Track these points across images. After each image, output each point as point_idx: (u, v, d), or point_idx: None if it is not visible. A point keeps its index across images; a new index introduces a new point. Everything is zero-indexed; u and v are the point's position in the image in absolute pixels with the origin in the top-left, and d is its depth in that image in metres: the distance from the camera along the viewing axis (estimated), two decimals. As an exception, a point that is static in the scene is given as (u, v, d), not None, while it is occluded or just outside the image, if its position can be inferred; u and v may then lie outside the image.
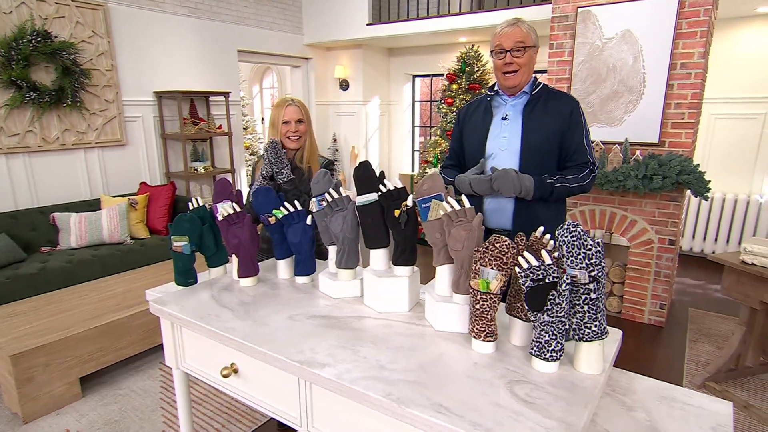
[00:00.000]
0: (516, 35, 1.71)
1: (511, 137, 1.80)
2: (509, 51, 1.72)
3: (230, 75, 5.34)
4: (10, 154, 3.65)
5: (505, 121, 1.82)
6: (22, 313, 2.71)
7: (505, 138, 1.81)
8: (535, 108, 1.78)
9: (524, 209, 1.78)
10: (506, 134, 1.81)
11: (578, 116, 1.78)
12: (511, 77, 1.76)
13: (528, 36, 1.72)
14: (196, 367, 1.49)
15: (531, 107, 1.79)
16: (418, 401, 0.96)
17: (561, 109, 1.77)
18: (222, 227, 1.62)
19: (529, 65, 1.76)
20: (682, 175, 3.00)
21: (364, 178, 1.45)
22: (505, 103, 1.85)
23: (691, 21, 2.99)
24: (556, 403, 0.96)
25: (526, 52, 1.73)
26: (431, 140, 5.18)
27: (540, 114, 1.77)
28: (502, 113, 1.84)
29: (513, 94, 1.83)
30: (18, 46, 3.50)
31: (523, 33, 1.71)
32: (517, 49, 1.71)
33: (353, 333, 1.27)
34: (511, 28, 1.72)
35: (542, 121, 1.76)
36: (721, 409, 1.07)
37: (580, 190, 1.77)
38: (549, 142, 1.76)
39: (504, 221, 1.83)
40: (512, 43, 1.71)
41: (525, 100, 1.81)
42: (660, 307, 3.40)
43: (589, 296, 1.04)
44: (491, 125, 1.85)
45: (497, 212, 1.83)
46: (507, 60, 1.73)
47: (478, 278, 1.13)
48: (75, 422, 2.38)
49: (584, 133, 1.78)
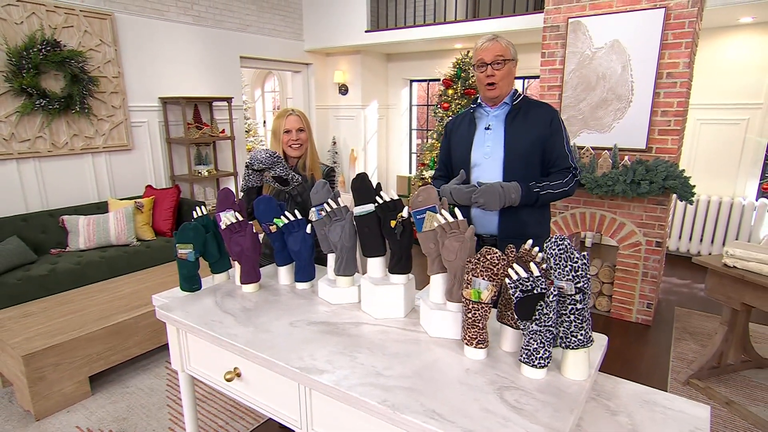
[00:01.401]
0: (496, 49, 1.79)
1: (495, 146, 1.86)
2: (490, 64, 1.80)
3: (233, 80, 5.45)
4: (21, 159, 3.76)
5: (488, 131, 1.89)
6: (34, 314, 2.78)
7: (488, 147, 1.88)
8: (516, 117, 1.85)
9: (510, 215, 1.84)
10: (489, 143, 1.88)
11: (558, 124, 1.84)
12: (493, 89, 1.83)
13: (507, 50, 1.80)
14: (201, 370, 1.51)
15: (512, 117, 1.86)
16: (412, 407, 1.00)
17: (541, 118, 1.84)
18: (225, 235, 1.66)
19: (509, 77, 1.84)
20: (668, 181, 3.10)
21: (362, 189, 1.49)
22: (488, 114, 1.92)
23: (676, 32, 3.09)
24: (543, 409, 0.99)
25: (505, 65, 1.80)
26: (428, 143, 5.27)
27: (521, 123, 1.84)
28: (485, 123, 1.91)
29: (495, 105, 1.90)
30: (28, 55, 3.61)
31: (503, 47, 1.80)
32: (497, 62, 1.79)
33: (351, 339, 1.30)
34: (490, 43, 1.80)
35: (524, 129, 1.83)
36: (699, 413, 1.11)
37: (564, 195, 1.83)
38: (532, 149, 1.82)
39: (490, 227, 1.89)
40: (492, 57, 1.79)
41: (506, 110, 1.88)
42: (647, 306, 3.50)
43: (576, 306, 1.08)
44: (475, 135, 1.92)
45: (483, 218, 1.89)
46: (488, 72, 1.81)
47: (470, 288, 1.17)
48: (85, 419, 2.44)
49: (564, 140, 1.85)
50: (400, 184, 6.98)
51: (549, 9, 3.53)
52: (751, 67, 4.40)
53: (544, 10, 3.58)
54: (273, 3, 5.80)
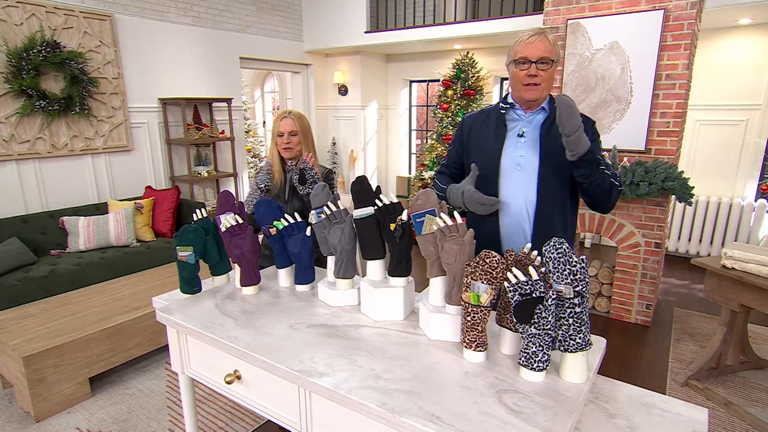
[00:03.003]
0: (544, 47, 1.57)
1: (529, 156, 1.65)
2: (535, 62, 1.57)
3: (232, 81, 5.45)
4: (21, 160, 3.77)
5: (521, 138, 1.67)
6: (34, 315, 2.78)
7: (522, 156, 1.66)
8: (552, 126, 1.61)
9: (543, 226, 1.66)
10: (523, 153, 1.66)
11: (597, 136, 1.66)
12: (533, 90, 1.61)
13: (554, 50, 1.59)
14: (201, 372, 1.51)
15: (549, 125, 1.64)
16: (411, 410, 1.00)
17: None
18: (225, 238, 1.66)
19: (551, 80, 1.63)
20: (667, 182, 3.11)
21: (361, 192, 1.48)
22: (521, 119, 1.69)
23: (675, 34, 3.10)
24: (542, 412, 0.99)
25: (551, 66, 1.59)
26: (428, 144, 5.28)
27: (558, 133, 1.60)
28: (518, 129, 1.69)
29: (530, 109, 1.68)
30: (28, 57, 3.61)
31: (550, 46, 1.58)
32: (543, 62, 1.57)
33: (351, 342, 1.30)
34: (538, 38, 1.57)
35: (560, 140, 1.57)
36: (697, 416, 1.10)
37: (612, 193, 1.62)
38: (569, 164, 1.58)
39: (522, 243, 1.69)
40: (539, 55, 1.56)
41: (543, 117, 1.67)
42: (646, 307, 3.51)
43: (574, 310, 1.08)
44: (505, 140, 1.70)
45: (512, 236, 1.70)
46: (531, 71, 1.58)
47: (469, 291, 1.17)
48: (85, 421, 2.45)
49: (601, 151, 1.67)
50: (400, 184, 6.99)
51: (548, 10, 3.54)
52: (750, 68, 4.41)
53: (544, 12, 3.59)
54: (272, 4, 5.81)
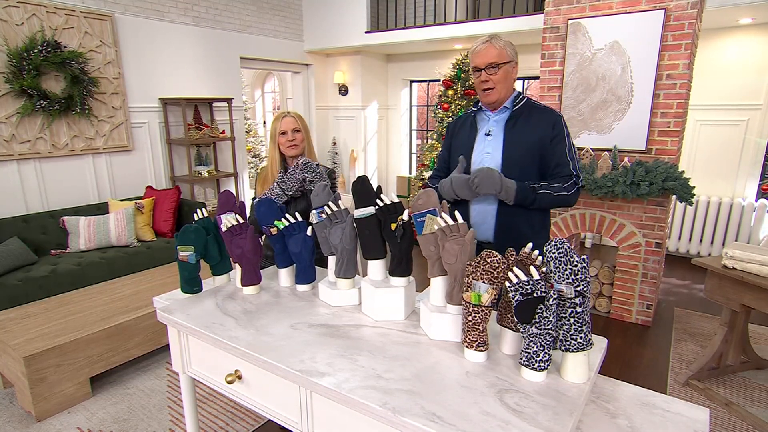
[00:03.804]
0: (489, 53, 1.71)
1: (494, 152, 1.80)
2: (483, 69, 1.73)
3: (233, 81, 5.45)
4: (22, 160, 3.77)
5: (488, 137, 1.83)
6: (34, 315, 2.78)
7: (488, 154, 1.81)
8: (517, 122, 1.78)
9: (506, 222, 1.78)
10: (489, 150, 1.81)
11: (561, 129, 1.76)
12: (489, 94, 1.76)
13: (502, 52, 1.71)
14: (202, 372, 1.51)
15: (513, 122, 1.79)
16: (412, 410, 1.00)
17: (543, 123, 1.76)
18: (226, 238, 1.67)
19: (506, 81, 1.75)
20: (667, 182, 3.10)
21: (362, 192, 1.48)
22: (489, 119, 1.86)
23: (676, 34, 3.10)
24: (543, 412, 0.99)
25: (500, 69, 1.72)
26: (428, 144, 5.27)
27: (522, 128, 1.77)
28: (485, 129, 1.85)
29: (495, 110, 1.83)
30: (29, 57, 3.61)
31: (496, 50, 1.70)
32: (491, 66, 1.71)
33: (351, 342, 1.30)
34: (484, 46, 1.72)
35: (524, 134, 1.76)
36: (698, 416, 1.10)
37: (564, 201, 1.74)
38: (530, 156, 1.75)
39: (486, 233, 1.83)
40: (486, 61, 1.72)
41: (507, 115, 1.81)
42: (647, 307, 3.51)
43: (575, 310, 1.08)
44: (476, 141, 1.86)
45: (479, 225, 1.83)
46: (483, 78, 1.74)
47: (470, 291, 1.17)
48: (86, 421, 2.45)
49: (567, 146, 1.76)
50: (400, 184, 7.00)
51: (549, 10, 3.54)
52: (751, 67, 4.40)
53: (544, 12, 3.58)
54: (273, 4, 5.81)
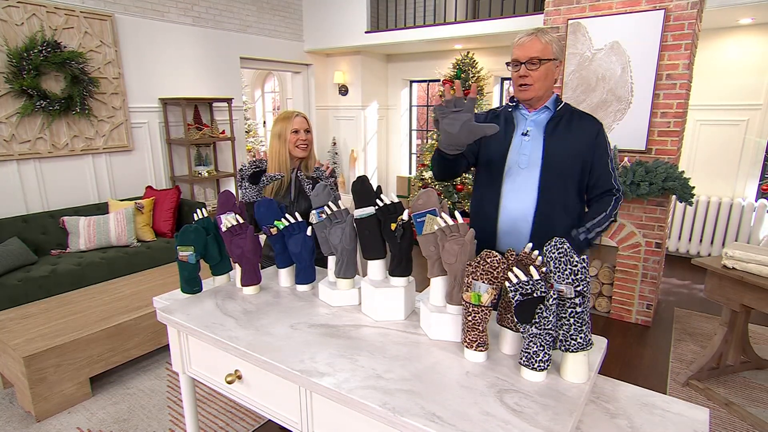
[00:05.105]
0: (532, 47, 1.60)
1: (532, 155, 1.68)
2: (524, 63, 1.61)
3: (233, 81, 5.45)
4: (22, 160, 3.77)
5: (525, 137, 1.71)
6: (34, 315, 2.78)
7: (525, 155, 1.69)
8: (558, 126, 1.67)
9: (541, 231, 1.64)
10: (527, 151, 1.69)
11: (603, 139, 1.66)
12: (525, 90, 1.65)
13: (547, 48, 1.60)
14: (202, 372, 1.51)
15: (554, 125, 1.67)
16: (412, 410, 1.00)
17: (586, 130, 1.65)
18: (225, 238, 1.66)
19: (546, 79, 1.64)
20: (667, 182, 3.11)
21: (362, 192, 1.48)
22: (526, 118, 1.73)
23: (676, 34, 3.10)
24: (543, 412, 0.99)
25: (542, 65, 1.60)
26: (428, 144, 5.28)
27: (563, 133, 1.65)
28: (522, 128, 1.73)
29: (534, 109, 1.72)
30: (29, 57, 3.61)
31: (541, 45, 1.59)
32: (532, 62, 1.60)
33: (351, 342, 1.30)
34: (528, 39, 1.61)
35: (565, 140, 1.64)
36: (698, 416, 1.10)
37: (610, 223, 1.65)
38: (572, 164, 1.63)
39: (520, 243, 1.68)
40: (528, 55, 1.60)
41: (547, 116, 1.70)
42: (647, 307, 3.51)
43: (575, 310, 1.08)
44: (513, 139, 1.73)
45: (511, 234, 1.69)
46: (521, 72, 1.62)
47: (470, 291, 1.17)
48: (86, 421, 2.45)
49: (609, 156, 1.67)
50: (400, 184, 7.00)
51: (549, 10, 3.54)
52: (751, 68, 4.41)
53: (544, 12, 3.58)
54: (273, 4, 5.81)
